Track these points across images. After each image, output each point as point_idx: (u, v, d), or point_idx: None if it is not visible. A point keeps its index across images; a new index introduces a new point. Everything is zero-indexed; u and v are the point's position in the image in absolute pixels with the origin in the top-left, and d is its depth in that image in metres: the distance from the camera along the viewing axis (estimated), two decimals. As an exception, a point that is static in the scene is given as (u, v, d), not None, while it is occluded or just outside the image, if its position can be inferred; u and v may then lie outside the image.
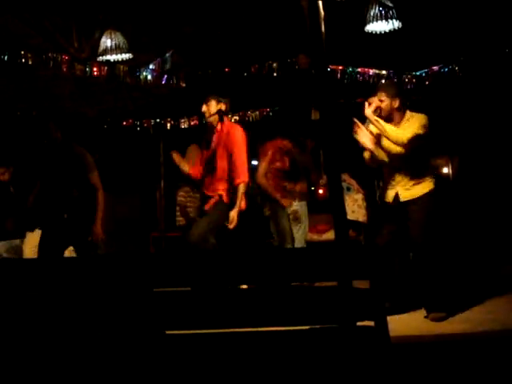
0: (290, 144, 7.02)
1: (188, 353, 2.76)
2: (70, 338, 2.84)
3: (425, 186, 5.10)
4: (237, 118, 9.24)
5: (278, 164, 6.92)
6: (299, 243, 6.97)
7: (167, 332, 2.88)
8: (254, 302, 2.76)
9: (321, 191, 8.42)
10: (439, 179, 6.94)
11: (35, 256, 6.18)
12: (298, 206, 7.05)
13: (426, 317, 4.96)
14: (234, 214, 5.47)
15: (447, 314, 4.93)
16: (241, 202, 5.49)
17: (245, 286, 3.41)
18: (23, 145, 6.43)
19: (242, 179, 5.53)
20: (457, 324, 4.70)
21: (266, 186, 6.84)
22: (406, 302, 5.18)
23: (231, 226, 5.48)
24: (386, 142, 5.10)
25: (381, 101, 5.08)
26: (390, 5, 5.75)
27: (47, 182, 5.72)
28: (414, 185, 5.08)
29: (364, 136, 5.14)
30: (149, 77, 7.30)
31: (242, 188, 5.51)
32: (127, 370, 2.76)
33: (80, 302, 2.86)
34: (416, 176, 5.08)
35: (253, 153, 6.33)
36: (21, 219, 6.71)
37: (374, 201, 7.15)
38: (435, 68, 7.23)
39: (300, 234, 7.08)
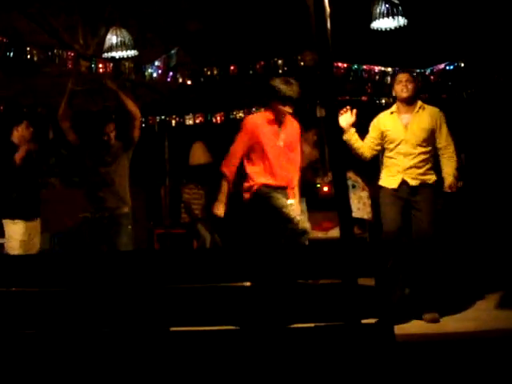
0: (315, 136, 7.01)
1: (192, 350, 2.76)
2: (75, 333, 2.84)
3: (431, 178, 5.17)
4: (242, 115, 9.24)
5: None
6: None
7: (171, 329, 2.88)
8: (259, 300, 2.76)
9: (326, 188, 8.40)
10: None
11: (21, 249, 6.15)
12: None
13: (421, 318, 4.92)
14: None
15: (440, 315, 4.91)
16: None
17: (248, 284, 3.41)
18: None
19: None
20: (463, 322, 4.69)
21: None
22: (411, 300, 5.17)
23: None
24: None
25: (408, 81, 5.19)
26: (396, 2, 5.73)
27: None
28: (420, 174, 5.14)
29: (344, 120, 5.20)
30: (154, 74, 7.29)
31: None
32: (132, 364, 2.76)
33: (85, 298, 2.86)
34: (426, 169, 5.17)
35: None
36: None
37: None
38: (441, 65, 7.20)
39: None
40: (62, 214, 7.80)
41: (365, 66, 7.09)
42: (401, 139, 5.15)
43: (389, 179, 5.21)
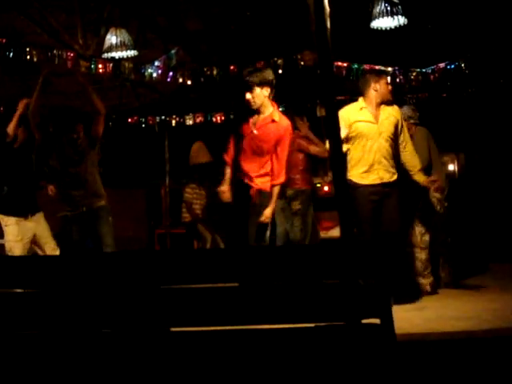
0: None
1: (193, 350, 2.76)
2: (75, 334, 2.84)
3: (396, 174, 5.32)
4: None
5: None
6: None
7: (172, 329, 2.87)
8: (258, 299, 2.76)
9: (326, 188, 8.40)
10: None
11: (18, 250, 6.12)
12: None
13: None
14: (269, 212, 5.07)
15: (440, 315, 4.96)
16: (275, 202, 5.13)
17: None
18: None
19: (280, 180, 5.13)
20: (462, 321, 4.68)
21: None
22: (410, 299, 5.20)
23: (264, 220, 5.07)
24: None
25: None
26: (396, 1, 5.74)
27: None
28: (389, 169, 5.29)
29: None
30: (154, 74, 7.29)
31: (277, 189, 5.13)
32: (133, 365, 2.76)
33: (84, 300, 2.86)
34: (393, 162, 5.33)
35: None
36: None
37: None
38: (441, 65, 7.20)
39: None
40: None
41: (365, 66, 7.09)
42: (373, 132, 5.20)
43: (362, 175, 5.22)
